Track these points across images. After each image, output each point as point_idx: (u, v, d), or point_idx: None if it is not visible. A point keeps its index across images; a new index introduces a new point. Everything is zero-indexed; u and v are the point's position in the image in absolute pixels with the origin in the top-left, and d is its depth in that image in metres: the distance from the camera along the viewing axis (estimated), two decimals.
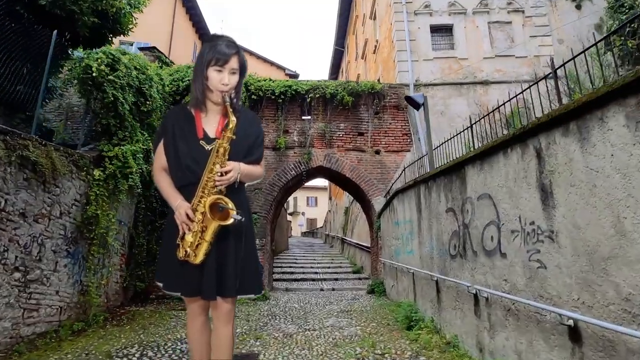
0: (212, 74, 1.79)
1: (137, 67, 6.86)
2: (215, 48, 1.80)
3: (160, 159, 1.89)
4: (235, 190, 1.81)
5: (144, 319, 5.91)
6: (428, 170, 5.55)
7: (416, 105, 5.82)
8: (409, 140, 9.61)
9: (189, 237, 1.71)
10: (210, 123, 1.88)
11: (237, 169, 1.76)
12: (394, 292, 7.30)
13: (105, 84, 5.99)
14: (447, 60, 10.81)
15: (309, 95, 9.53)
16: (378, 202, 8.98)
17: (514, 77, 10.34)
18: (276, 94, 9.44)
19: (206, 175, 1.73)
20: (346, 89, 9.57)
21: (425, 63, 10.79)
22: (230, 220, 1.67)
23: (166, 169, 1.89)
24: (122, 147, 6.15)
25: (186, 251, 1.71)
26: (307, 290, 9.55)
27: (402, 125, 9.73)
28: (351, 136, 9.58)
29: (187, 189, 1.79)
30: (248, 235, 1.90)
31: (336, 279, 11.23)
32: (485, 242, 3.50)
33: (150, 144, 6.89)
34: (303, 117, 9.68)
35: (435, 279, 4.73)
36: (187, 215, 1.71)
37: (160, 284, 1.87)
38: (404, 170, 7.36)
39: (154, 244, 8.08)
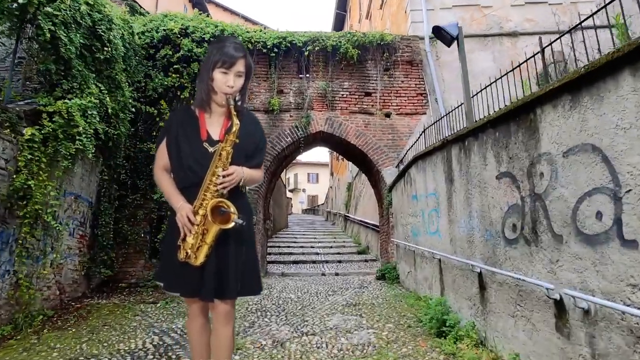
0: (218, 75, 1.77)
1: (89, 2, 5.42)
2: (223, 50, 1.78)
3: (162, 157, 1.87)
4: (236, 194, 1.81)
5: (101, 316, 4.71)
6: (465, 126, 4.21)
7: (447, 40, 4.43)
8: (424, 101, 8.20)
9: (189, 239, 1.71)
10: (214, 124, 1.86)
11: (240, 172, 1.75)
12: (411, 280, 6.09)
13: (40, 17, 4.59)
14: (468, 8, 9.24)
15: (307, 49, 8.06)
16: (389, 173, 7.67)
17: (547, 28, 8.86)
18: (268, 47, 7.98)
19: (208, 178, 1.72)
20: (351, 41, 8.08)
21: (443, 12, 9.23)
22: (232, 224, 1.67)
23: (167, 169, 1.88)
24: (67, 101, 4.79)
25: (187, 252, 1.71)
26: (307, 275, 8.36)
27: (416, 84, 8.30)
28: (357, 97, 8.17)
29: (189, 190, 1.78)
30: (248, 239, 1.91)
31: (339, 261, 10.05)
32: (583, 221, 2.20)
33: (109, 99, 5.52)
34: (300, 75, 8.24)
35: (478, 270, 3.47)
36: (189, 218, 1.70)
37: (161, 284, 1.87)
38: (423, 132, 6.01)
39: (124, 223, 6.86)
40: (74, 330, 4.15)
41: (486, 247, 3.40)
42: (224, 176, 1.70)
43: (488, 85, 4.12)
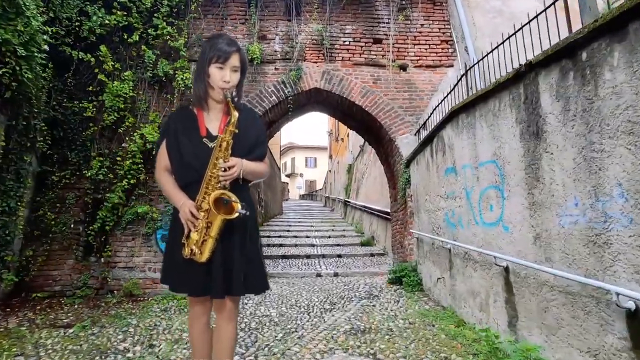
0: (214, 71, 1.77)
1: None
2: (216, 46, 1.78)
3: (162, 159, 1.86)
4: (239, 187, 1.76)
5: None
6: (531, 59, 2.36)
7: None
8: (450, 50, 6.30)
9: (194, 235, 1.67)
10: (212, 121, 1.86)
11: (240, 165, 1.72)
12: (443, 290, 4.29)
13: None
14: None
15: None
16: (405, 143, 5.83)
17: None
18: None
19: (210, 170, 1.70)
20: None
21: None
22: (235, 214, 1.62)
23: (169, 170, 1.85)
24: None
25: (192, 249, 1.67)
26: (298, 276, 6.55)
27: (439, 28, 6.39)
28: (363, 44, 6.26)
29: (191, 187, 1.76)
30: (252, 232, 1.84)
31: (339, 256, 8.23)
32: None
33: (8, 24, 3.63)
34: (289, 17, 6.32)
35: (632, 305, 1.67)
36: (192, 213, 1.68)
37: (167, 285, 1.82)
38: (463, 77, 4.14)
39: (47, 210, 5.04)
40: None
41: None
42: (224, 169, 1.66)
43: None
